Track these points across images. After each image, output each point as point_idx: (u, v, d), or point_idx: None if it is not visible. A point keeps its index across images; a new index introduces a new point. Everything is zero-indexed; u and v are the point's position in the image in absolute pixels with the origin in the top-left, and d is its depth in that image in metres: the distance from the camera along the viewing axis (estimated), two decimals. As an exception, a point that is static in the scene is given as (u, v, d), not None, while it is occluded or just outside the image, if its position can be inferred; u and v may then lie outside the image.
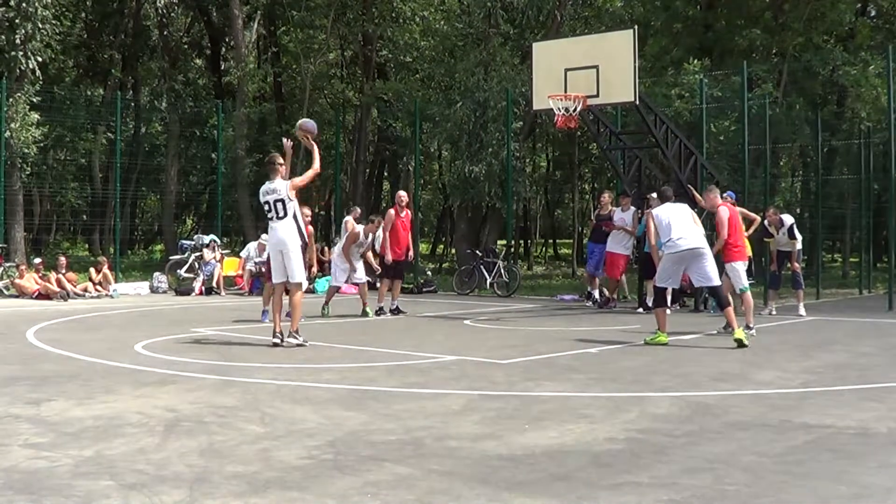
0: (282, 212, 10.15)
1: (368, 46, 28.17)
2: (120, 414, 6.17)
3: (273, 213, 10.19)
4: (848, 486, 4.47)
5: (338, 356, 9.51)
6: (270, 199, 10.20)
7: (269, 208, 10.23)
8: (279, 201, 10.15)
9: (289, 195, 10.15)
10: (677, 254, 10.71)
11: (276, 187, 10.19)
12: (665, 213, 10.99)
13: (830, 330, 12.80)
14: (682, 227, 10.78)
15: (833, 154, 25.80)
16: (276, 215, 10.17)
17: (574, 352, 9.90)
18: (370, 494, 4.29)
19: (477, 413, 6.32)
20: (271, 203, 10.19)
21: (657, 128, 15.43)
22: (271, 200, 10.19)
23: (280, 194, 10.15)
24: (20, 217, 22.15)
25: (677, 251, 10.70)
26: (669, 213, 10.95)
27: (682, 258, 10.76)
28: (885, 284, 19.81)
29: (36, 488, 4.35)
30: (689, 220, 10.91)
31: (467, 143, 23.45)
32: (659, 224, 10.92)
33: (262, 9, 31.86)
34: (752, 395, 7.11)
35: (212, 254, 20.66)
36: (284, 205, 10.14)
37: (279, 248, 10.24)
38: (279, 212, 10.16)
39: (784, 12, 25.01)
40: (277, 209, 10.16)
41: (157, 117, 34.05)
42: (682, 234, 10.72)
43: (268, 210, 10.25)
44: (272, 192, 10.20)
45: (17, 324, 12.78)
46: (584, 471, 4.75)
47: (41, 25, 21.32)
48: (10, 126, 20.33)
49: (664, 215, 10.93)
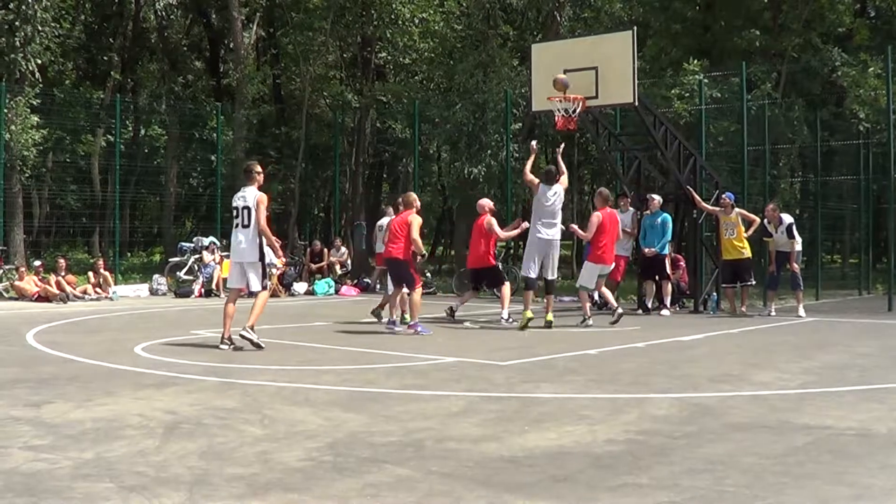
0: (247, 220, 10.20)
1: (367, 48, 28.16)
2: (120, 416, 6.16)
3: (239, 219, 10.25)
4: (848, 487, 4.47)
5: (337, 358, 9.51)
6: (239, 205, 10.27)
7: (236, 213, 10.30)
8: (246, 209, 10.20)
9: (255, 205, 10.13)
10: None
11: (246, 195, 10.25)
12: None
13: (830, 331, 12.80)
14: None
15: (832, 155, 25.80)
16: (242, 223, 10.23)
17: (573, 353, 9.90)
18: (370, 496, 4.29)
19: (477, 415, 6.32)
20: (240, 209, 10.25)
21: (656, 129, 15.44)
22: (240, 206, 10.25)
23: (248, 202, 10.20)
24: (20, 219, 22.13)
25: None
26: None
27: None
28: (884, 285, 19.82)
29: (36, 490, 4.35)
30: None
31: (466, 144, 23.45)
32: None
33: (261, 11, 31.86)
34: (752, 397, 7.12)
35: (211, 256, 20.66)
36: (250, 213, 10.17)
37: (239, 260, 10.38)
38: (244, 219, 10.21)
39: (783, 13, 25.03)
40: (244, 217, 10.21)
41: (156, 120, 34.02)
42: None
43: (235, 215, 10.31)
44: (242, 199, 10.28)
45: (17, 326, 12.77)
46: (584, 472, 4.75)
47: (41, 28, 21.32)
48: (10, 129, 20.33)
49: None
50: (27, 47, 21.05)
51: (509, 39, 26.62)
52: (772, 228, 15.23)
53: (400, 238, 12.22)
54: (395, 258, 12.32)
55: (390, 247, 12.38)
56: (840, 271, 28.08)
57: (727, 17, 25.56)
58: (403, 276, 12.33)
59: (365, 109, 28.20)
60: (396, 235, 12.28)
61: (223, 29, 32.59)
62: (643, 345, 10.65)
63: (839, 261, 31.06)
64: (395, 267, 12.46)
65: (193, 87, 35.12)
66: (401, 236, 12.21)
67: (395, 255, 12.28)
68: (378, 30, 27.19)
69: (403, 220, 12.28)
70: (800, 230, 15.98)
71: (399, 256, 12.26)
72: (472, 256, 14.09)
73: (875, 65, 21.70)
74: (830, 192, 23.92)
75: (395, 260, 12.37)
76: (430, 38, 27.68)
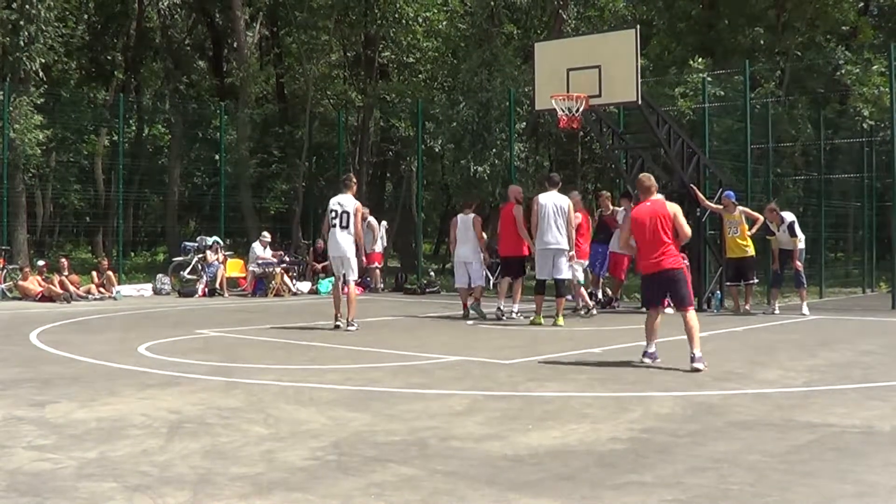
0: (345, 222, 12.07)
1: (371, 47, 28.17)
2: (124, 416, 6.17)
3: (338, 220, 12.11)
4: (852, 485, 4.47)
5: (341, 357, 9.51)
6: (338, 210, 12.12)
7: (335, 216, 12.13)
8: (345, 213, 12.08)
9: (354, 212, 12.07)
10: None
11: (343, 202, 12.13)
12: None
13: (834, 329, 12.78)
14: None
15: (835, 153, 25.76)
16: (340, 224, 12.09)
17: (577, 352, 9.90)
18: (374, 495, 4.29)
19: (481, 413, 6.32)
20: (339, 213, 12.11)
21: (660, 127, 15.41)
22: (339, 210, 12.11)
23: (346, 208, 12.08)
24: (23, 219, 22.16)
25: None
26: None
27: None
28: (888, 283, 19.78)
29: (40, 490, 4.36)
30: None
31: (471, 143, 23.44)
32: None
33: (265, 10, 31.87)
34: (756, 395, 7.11)
35: (215, 255, 20.67)
36: (348, 217, 12.04)
37: (339, 255, 12.14)
38: (343, 221, 12.08)
39: (786, 11, 24.99)
40: (342, 219, 12.08)
41: (159, 119, 34.06)
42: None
43: (333, 217, 12.14)
44: (340, 205, 12.14)
45: (21, 326, 12.79)
46: (588, 471, 4.75)
47: (44, 28, 21.35)
48: (14, 128, 20.35)
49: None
50: (31, 47, 21.07)
51: (513, 38, 26.60)
52: (774, 227, 15.23)
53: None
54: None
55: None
56: (844, 269, 28.04)
57: (731, 15, 25.52)
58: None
59: (368, 108, 28.21)
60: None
61: (226, 28, 32.60)
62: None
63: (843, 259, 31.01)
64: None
65: (197, 86, 35.17)
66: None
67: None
68: (382, 29, 27.21)
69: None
70: (803, 228, 15.95)
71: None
72: (504, 244, 14.32)
73: (879, 62, 21.66)
74: (834, 189, 23.87)
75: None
76: (433, 37, 27.69)
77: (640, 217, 8.84)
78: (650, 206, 8.85)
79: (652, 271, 8.84)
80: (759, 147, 19.21)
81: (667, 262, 8.71)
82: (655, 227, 8.67)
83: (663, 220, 8.68)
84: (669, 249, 8.72)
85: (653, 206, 8.83)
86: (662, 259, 8.69)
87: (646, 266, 8.93)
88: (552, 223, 12.90)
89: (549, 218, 12.91)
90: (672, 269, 8.76)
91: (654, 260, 8.74)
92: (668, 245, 8.70)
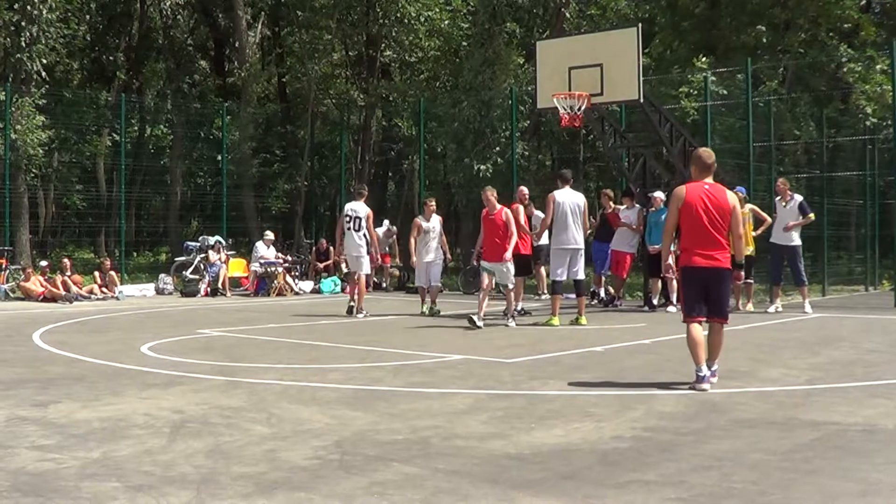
0: (358, 226, 14.33)
1: (373, 47, 28.17)
2: (126, 416, 6.18)
3: (352, 224, 14.36)
4: (855, 483, 4.46)
5: (344, 356, 9.52)
6: (352, 215, 14.42)
7: (349, 220, 14.40)
8: (357, 218, 14.34)
9: (366, 217, 14.36)
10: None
11: (357, 208, 14.42)
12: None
13: (836, 327, 12.77)
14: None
15: (838, 151, 25.73)
16: (354, 227, 14.34)
17: (580, 350, 9.90)
18: (377, 494, 4.29)
19: (483, 412, 6.32)
20: (353, 218, 14.38)
21: (662, 126, 15.40)
22: (353, 216, 14.40)
23: (359, 214, 14.36)
24: (25, 220, 22.18)
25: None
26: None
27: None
28: (891, 281, 19.76)
29: (43, 490, 4.36)
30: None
31: (473, 142, 23.44)
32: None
33: (267, 10, 31.87)
34: (759, 393, 7.10)
35: (217, 255, 20.68)
36: (360, 221, 14.31)
37: (356, 254, 14.41)
38: (356, 225, 14.35)
39: (789, 9, 24.95)
40: (355, 223, 14.34)
41: (162, 119, 34.10)
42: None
43: (348, 221, 14.39)
44: (354, 211, 14.43)
45: (23, 326, 12.80)
46: (591, 469, 4.75)
47: (46, 28, 21.38)
48: (16, 129, 20.37)
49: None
50: (33, 47, 21.10)
51: (515, 37, 26.56)
52: (783, 203, 15.03)
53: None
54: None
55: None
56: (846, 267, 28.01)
57: (733, 13, 25.50)
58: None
59: (371, 108, 28.21)
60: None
61: (228, 28, 32.61)
62: (649, 342, 10.64)
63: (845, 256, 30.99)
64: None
65: (199, 86, 35.16)
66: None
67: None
68: (384, 28, 27.20)
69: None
70: (805, 227, 15.89)
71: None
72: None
73: (881, 60, 21.62)
74: (836, 187, 23.84)
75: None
76: (436, 36, 27.68)
77: (693, 200, 7.28)
78: (709, 190, 7.35)
79: (700, 265, 7.28)
80: (762, 145, 19.19)
81: (723, 259, 7.30)
82: (713, 216, 7.25)
83: (723, 210, 7.28)
84: (726, 244, 7.33)
85: (713, 190, 7.35)
86: (716, 252, 7.26)
87: (692, 258, 7.34)
88: (570, 222, 12.84)
89: (566, 217, 12.85)
90: (726, 268, 7.34)
91: (706, 252, 7.27)
92: (724, 239, 7.30)
